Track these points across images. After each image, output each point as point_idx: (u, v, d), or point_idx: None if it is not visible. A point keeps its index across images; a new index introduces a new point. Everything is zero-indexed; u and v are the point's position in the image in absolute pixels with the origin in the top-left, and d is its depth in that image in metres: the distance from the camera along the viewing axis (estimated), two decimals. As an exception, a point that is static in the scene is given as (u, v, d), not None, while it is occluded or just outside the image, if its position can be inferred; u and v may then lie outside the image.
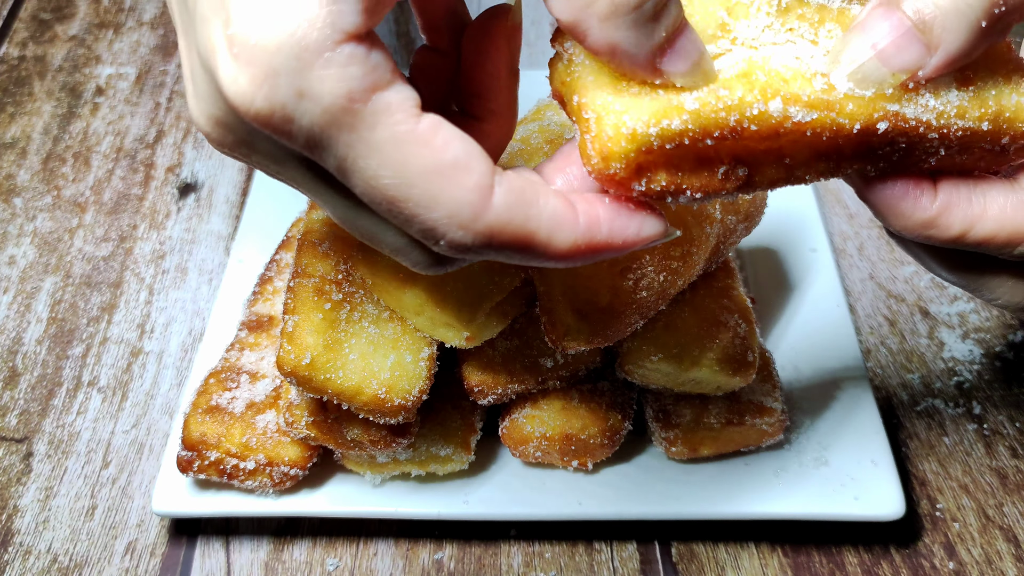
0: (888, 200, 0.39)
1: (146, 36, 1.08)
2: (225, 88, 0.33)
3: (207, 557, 0.64)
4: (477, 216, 0.34)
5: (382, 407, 0.53)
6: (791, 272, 0.77)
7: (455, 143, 0.34)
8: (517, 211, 0.34)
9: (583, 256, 0.36)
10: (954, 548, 0.65)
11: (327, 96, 0.32)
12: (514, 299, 0.57)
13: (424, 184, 0.33)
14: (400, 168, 0.33)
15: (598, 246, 0.36)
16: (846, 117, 0.35)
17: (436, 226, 0.34)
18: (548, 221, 0.35)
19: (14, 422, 0.72)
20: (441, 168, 0.33)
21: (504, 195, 0.34)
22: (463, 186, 0.33)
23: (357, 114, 0.32)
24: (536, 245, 0.35)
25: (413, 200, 0.33)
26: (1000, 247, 0.39)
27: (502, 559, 0.64)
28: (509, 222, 0.34)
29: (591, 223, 0.35)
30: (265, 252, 0.75)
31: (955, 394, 0.74)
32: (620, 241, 0.36)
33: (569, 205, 0.35)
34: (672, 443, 0.62)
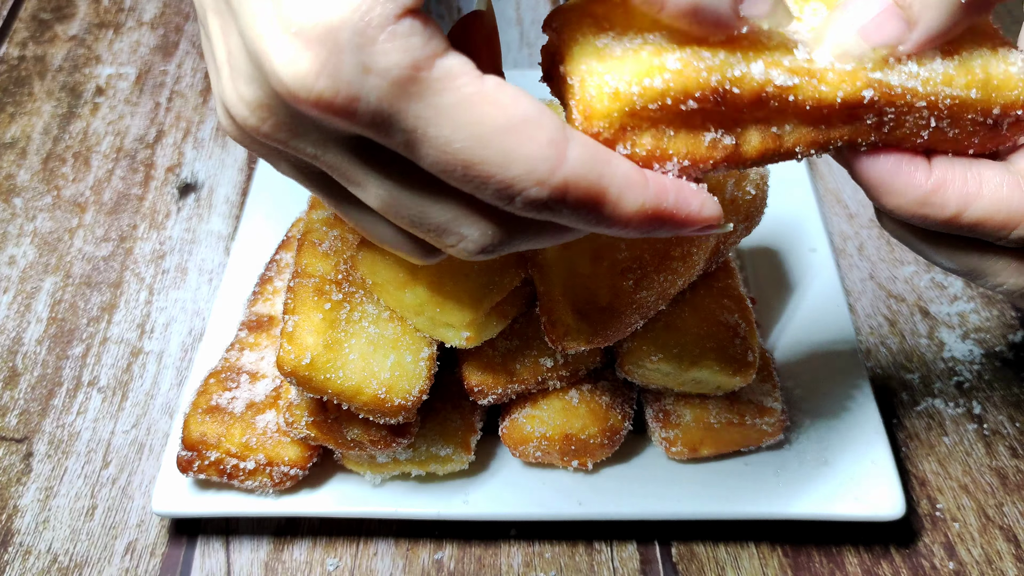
0: (882, 174, 0.38)
1: (146, 36, 1.08)
2: (280, 71, 0.33)
3: (207, 557, 0.64)
4: (554, 170, 0.33)
5: (382, 407, 0.53)
6: (791, 272, 0.77)
7: (523, 100, 0.34)
8: (592, 166, 0.34)
9: (647, 222, 0.35)
10: (954, 548, 0.65)
11: (394, 68, 0.32)
12: (514, 299, 0.57)
13: (498, 142, 0.33)
14: (473, 129, 0.33)
15: (663, 213, 0.35)
16: (828, 85, 0.35)
17: (513, 183, 0.34)
18: (620, 180, 0.34)
19: (14, 422, 0.72)
20: (514, 124, 0.33)
21: (579, 149, 0.34)
22: (538, 141, 0.33)
23: (424, 82, 0.33)
24: (607, 203, 0.35)
25: (488, 160, 0.33)
26: (995, 230, 0.38)
27: (502, 559, 0.64)
28: (584, 176, 0.34)
29: (659, 190, 0.35)
30: (265, 252, 0.75)
31: (955, 394, 0.74)
32: (684, 214, 0.36)
33: (639, 170, 0.35)
34: (672, 443, 0.62)
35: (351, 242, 0.58)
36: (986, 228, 0.38)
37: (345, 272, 0.56)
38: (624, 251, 0.51)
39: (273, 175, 0.84)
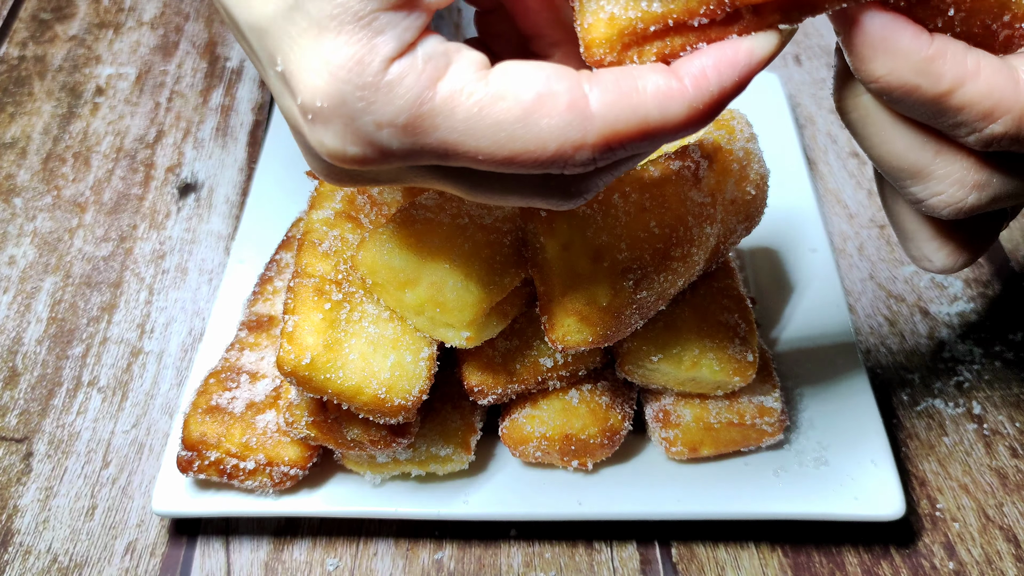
0: (886, 30, 0.36)
1: (146, 36, 1.08)
2: (319, 151, 0.36)
3: (207, 557, 0.64)
4: (586, 130, 0.34)
5: (382, 407, 0.53)
6: (791, 272, 0.77)
7: (529, 78, 0.34)
8: (621, 105, 0.34)
9: (709, 115, 0.35)
10: (954, 548, 0.65)
11: (400, 112, 0.34)
12: (514, 299, 0.57)
13: (523, 131, 0.34)
14: (496, 132, 0.34)
15: (715, 100, 0.35)
16: None
17: (558, 157, 0.35)
18: (655, 99, 0.34)
19: (14, 422, 0.72)
20: (529, 108, 0.34)
21: (601, 96, 0.34)
22: (557, 111, 0.34)
23: (432, 113, 0.34)
24: (655, 128, 0.35)
25: (524, 150, 0.34)
26: (978, 118, 0.37)
27: (502, 559, 0.64)
28: (617, 118, 0.34)
29: (698, 81, 0.35)
30: (265, 252, 0.75)
31: (955, 394, 0.74)
32: (735, 80, 0.35)
33: (671, 74, 0.35)
34: (672, 443, 0.62)
35: (351, 242, 0.58)
36: (970, 114, 0.37)
37: (345, 272, 0.56)
38: (624, 251, 0.51)
39: (273, 175, 0.84)
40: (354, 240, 0.58)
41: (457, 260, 0.53)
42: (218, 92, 1.01)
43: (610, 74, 0.35)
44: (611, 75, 0.35)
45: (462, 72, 0.35)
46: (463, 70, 0.35)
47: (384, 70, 0.34)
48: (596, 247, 0.51)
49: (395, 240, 0.53)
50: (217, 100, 1.00)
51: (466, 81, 0.34)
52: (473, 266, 0.53)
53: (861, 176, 0.91)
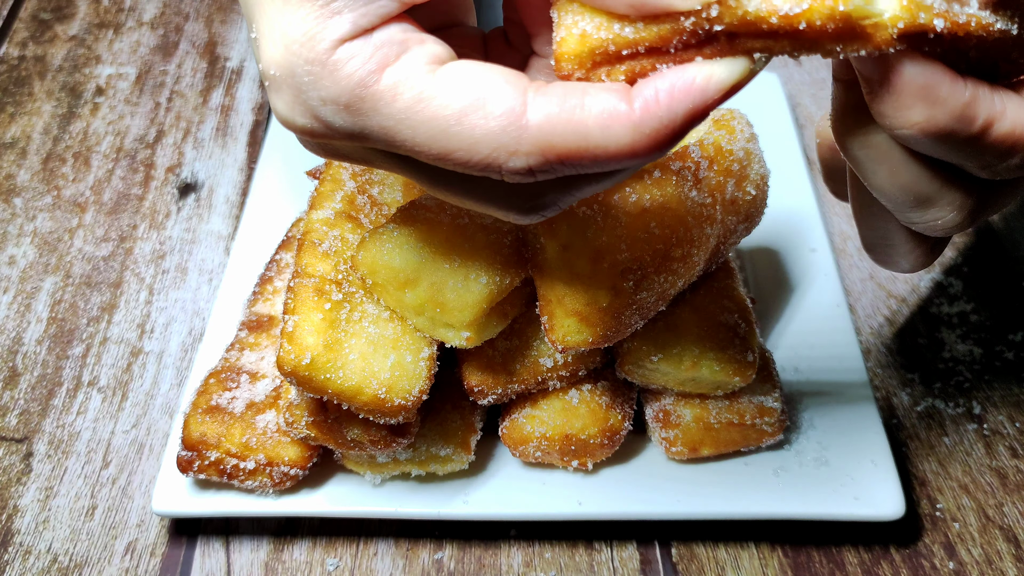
0: (925, 79, 0.35)
1: (146, 36, 1.08)
2: (277, 118, 0.38)
3: (207, 557, 0.64)
4: (519, 138, 0.34)
5: (382, 407, 0.53)
6: (791, 272, 0.77)
7: (472, 80, 0.34)
8: (561, 119, 0.34)
9: (659, 143, 0.34)
10: (954, 548, 0.65)
11: (342, 93, 0.35)
12: (514, 299, 0.57)
13: (457, 129, 0.34)
14: (431, 126, 0.35)
15: (665, 128, 0.33)
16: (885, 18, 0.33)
17: (490, 161, 0.35)
18: (598, 119, 0.33)
19: (14, 422, 0.72)
20: (466, 109, 0.34)
21: (542, 107, 0.34)
22: (493, 116, 0.34)
23: (374, 95, 0.35)
24: (596, 150, 0.34)
25: (458, 147, 0.35)
26: (1001, 154, 0.37)
27: (502, 559, 0.64)
28: (554, 132, 0.34)
29: (648, 106, 0.33)
30: (265, 252, 0.75)
31: (955, 394, 0.74)
32: (688, 108, 0.33)
33: (622, 96, 0.33)
34: (672, 443, 0.62)
35: (351, 242, 0.58)
36: (996, 151, 0.37)
37: (345, 272, 0.56)
38: (625, 252, 0.51)
39: (273, 175, 0.84)
40: (354, 240, 0.58)
41: (457, 260, 0.53)
42: (218, 92, 1.01)
43: (559, 88, 0.34)
44: (560, 89, 0.34)
45: (412, 63, 0.35)
46: (413, 61, 0.35)
47: (333, 49, 0.35)
48: (596, 248, 0.51)
49: (395, 240, 0.53)
50: (217, 100, 1.00)
51: (412, 72, 0.35)
52: (473, 266, 0.53)
53: (861, 176, 0.91)
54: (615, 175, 0.38)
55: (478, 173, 0.36)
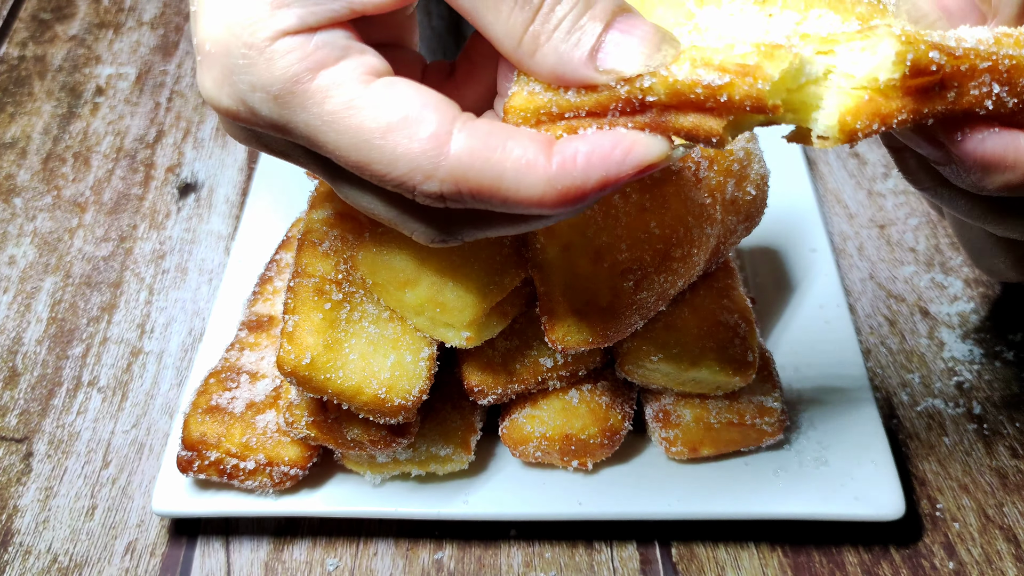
0: (997, 150, 0.37)
1: (146, 36, 1.08)
2: (200, 86, 0.38)
3: (207, 557, 0.64)
4: (437, 164, 0.35)
5: (382, 407, 0.53)
6: (791, 272, 0.77)
7: (405, 99, 0.35)
8: (479, 155, 0.35)
9: (569, 201, 0.35)
10: (954, 548, 0.65)
11: (274, 83, 0.36)
12: (514, 299, 0.57)
13: (380, 142, 0.35)
14: (355, 135, 0.35)
15: (577, 188, 0.35)
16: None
17: (404, 180, 0.36)
18: (514, 163, 0.35)
19: (14, 422, 0.72)
20: (392, 125, 0.35)
21: (466, 140, 0.35)
22: (417, 137, 0.35)
23: (305, 94, 0.36)
24: (507, 193, 0.35)
25: (376, 160, 0.36)
26: None
27: (502, 559, 0.64)
28: (471, 166, 0.35)
29: (564, 164, 0.34)
30: (265, 252, 0.75)
31: (955, 394, 0.74)
32: (601, 175, 0.35)
33: (543, 148, 0.35)
34: (672, 443, 0.62)
35: (351, 242, 0.58)
36: None
37: (345, 272, 0.56)
38: (625, 252, 0.51)
39: (273, 175, 0.84)
40: (354, 240, 0.58)
41: (457, 260, 0.53)
42: (218, 92, 1.01)
43: (486, 125, 0.35)
44: (486, 127, 0.35)
45: (348, 70, 0.36)
46: (350, 68, 0.36)
47: (274, 39, 0.35)
48: (596, 248, 0.51)
49: (395, 240, 0.53)
50: (217, 100, 1.00)
51: (347, 79, 0.36)
52: (473, 266, 0.53)
53: (861, 176, 0.91)
54: (528, 221, 0.39)
55: (392, 188, 0.37)
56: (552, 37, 0.34)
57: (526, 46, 0.35)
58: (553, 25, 0.34)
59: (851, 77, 0.35)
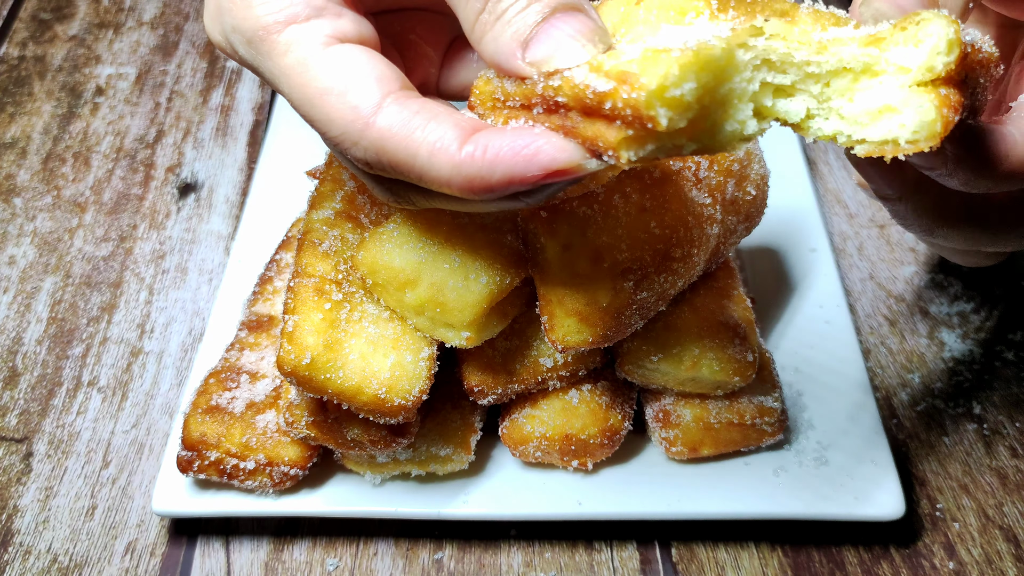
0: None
1: (146, 36, 1.08)
2: (203, 21, 0.44)
3: (207, 557, 0.64)
4: (362, 132, 0.38)
5: (382, 407, 0.53)
6: (791, 272, 0.77)
7: (347, 67, 0.39)
8: (399, 131, 0.38)
9: (475, 188, 0.37)
10: (954, 548, 0.65)
11: (248, 29, 0.40)
12: (514, 299, 0.57)
13: (319, 103, 0.39)
14: (301, 90, 0.39)
15: (482, 178, 0.37)
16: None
17: (338, 141, 0.39)
18: (428, 147, 0.37)
19: (14, 422, 0.72)
20: (330, 89, 0.39)
21: (393, 115, 0.38)
22: (349, 104, 0.38)
23: (271, 43, 0.40)
24: (420, 169, 0.38)
25: (316, 119, 0.40)
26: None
27: (502, 559, 0.64)
28: (390, 139, 0.38)
29: (474, 153, 0.37)
30: (265, 252, 0.75)
31: (955, 394, 0.74)
32: (507, 172, 0.36)
33: (461, 135, 0.37)
34: (672, 443, 0.62)
35: (351, 242, 0.58)
36: None
37: (345, 272, 0.56)
38: (625, 252, 0.51)
39: (273, 175, 0.84)
40: (354, 240, 0.58)
41: (457, 260, 0.53)
42: (218, 92, 1.01)
43: (417, 104, 0.38)
44: (416, 105, 0.38)
45: (313, 30, 0.40)
46: (315, 29, 0.40)
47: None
48: (596, 248, 0.51)
49: (395, 240, 0.53)
50: (217, 100, 1.00)
51: (309, 39, 0.40)
52: (473, 266, 0.53)
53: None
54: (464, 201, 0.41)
55: (331, 146, 0.41)
56: (494, 25, 0.37)
57: (476, 30, 0.38)
58: (498, 13, 0.37)
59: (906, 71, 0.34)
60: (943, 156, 0.39)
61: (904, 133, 0.34)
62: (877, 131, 0.35)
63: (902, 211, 0.45)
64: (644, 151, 0.34)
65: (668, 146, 0.34)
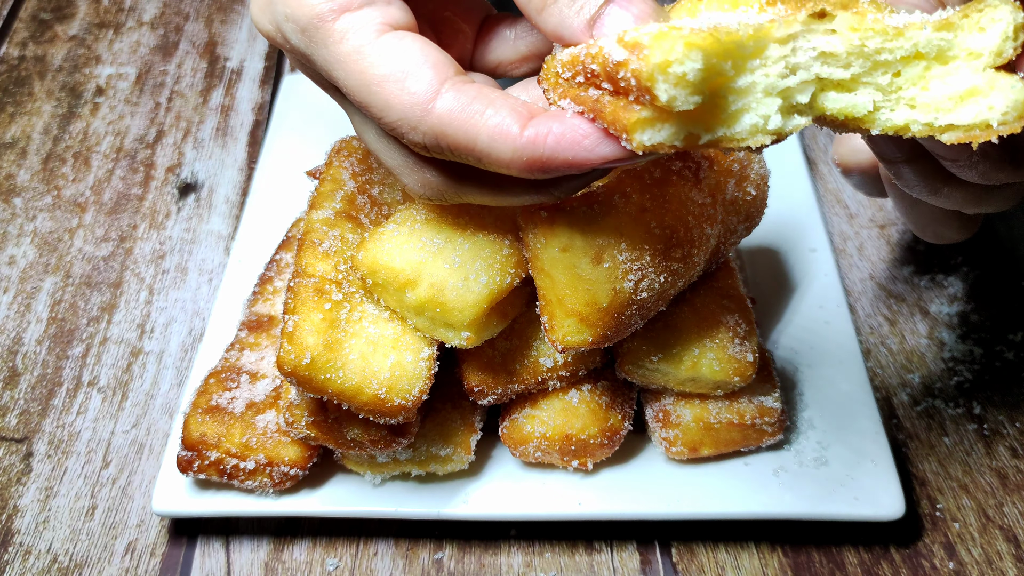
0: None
1: (146, 36, 1.08)
2: (251, 16, 0.45)
3: (207, 557, 0.64)
4: (422, 118, 0.39)
5: (382, 407, 0.53)
6: (791, 272, 0.77)
7: (407, 54, 0.40)
8: (460, 116, 0.39)
9: (532, 169, 0.39)
10: (954, 548, 0.65)
11: (302, 17, 0.41)
12: (514, 299, 0.57)
13: (378, 90, 0.40)
14: (360, 77, 0.40)
15: (540, 161, 0.38)
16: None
17: (395, 126, 0.41)
18: (488, 131, 0.39)
19: (14, 422, 0.72)
20: (389, 76, 0.40)
21: (451, 100, 0.39)
22: (408, 91, 0.39)
23: (326, 31, 0.41)
24: (479, 151, 0.39)
25: (374, 105, 0.41)
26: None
27: (502, 559, 0.64)
28: (450, 124, 0.39)
29: (535, 138, 0.38)
30: (265, 252, 0.75)
31: (955, 394, 0.74)
32: (565, 157, 0.38)
33: (521, 118, 0.39)
34: (672, 443, 0.62)
35: (351, 242, 0.58)
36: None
37: (345, 272, 0.56)
38: (624, 252, 0.51)
39: (273, 175, 0.84)
40: (354, 240, 0.58)
41: (457, 261, 0.53)
42: (218, 92, 1.01)
43: (474, 89, 0.39)
44: (473, 91, 0.39)
45: (366, 18, 0.41)
46: (369, 17, 0.41)
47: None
48: (596, 248, 0.51)
49: (395, 240, 0.53)
50: (217, 100, 1.00)
51: (363, 27, 0.41)
52: (473, 266, 0.53)
53: (861, 176, 0.91)
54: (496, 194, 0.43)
55: (388, 131, 0.42)
56: (556, 3, 0.38)
57: (535, 4, 0.39)
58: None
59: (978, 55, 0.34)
60: (969, 148, 0.39)
61: (994, 115, 0.34)
62: (965, 115, 0.35)
63: (906, 173, 0.45)
64: (658, 135, 0.34)
65: (682, 133, 0.34)
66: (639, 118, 0.34)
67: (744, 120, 0.35)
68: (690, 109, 0.33)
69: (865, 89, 0.37)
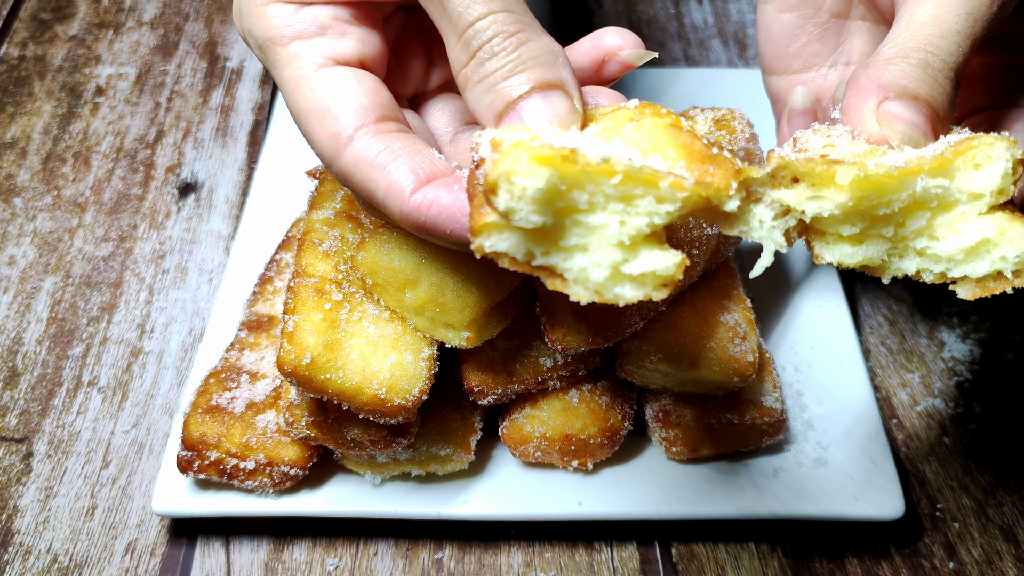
0: None
1: (146, 36, 1.08)
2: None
3: (207, 557, 0.64)
4: (334, 158, 0.42)
5: (382, 407, 0.53)
6: (791, 272, 0.77)
7: (335, 91, 0.42)
8: (365, 166, 0.42)
9: (415, 229, 0.41)
10: (954, 548, 0.65)
11: (260, 36, 0.44)
12: (514, 299, 0.57)
13: (305, 121, 0.43)
14: (293, 104, 0.43)
15: (422, 225, 0.41)
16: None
17: (323, 157, 0.43)
18: (386, 185, 0.41)
19: (14, 422, 0.72)
20: (313, 111, 0.42)
21: (360, 149, 0.42)
22: (326, 130, 0.42)
23: (276, 54, 0.44)
24: (377, 202, 0.42)
25: (303, 132, 0.44)
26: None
27: (502, 559, 0.64)
28: (356, 171, 0.42)
29: (420, 206, 0.41)
30: (265, 252, 0.75)
31: (955, 394, 0.74)
32: (444, 229, 0.41)
33: (417, 181, 0.41)
34: (672, 443, 0.62)
35: (351, 242, 0.58)
36: None
37: (345, 272, 0.56)
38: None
39: (273, 175, 0.84)
40: (354, 240, 0.58)
41: (457, 260, 0.53)
42: (218, 92, 1.01)
43: (383, 141, 0.41)
44: (381, 143, 0.41)
45: (314, 49, 0.43)
46: (316, 49, 0.43)
47: (268, 2, 0.43)
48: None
49: (395, 240, 0.53)
50: (217, 100, 1.00)
51: (307, 57, 0.43)
52: (473, 266, 0.53)
53: (861, 176, 0.91)
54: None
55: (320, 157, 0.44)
56: (477, 86, 0.40)
57: (460, 80, 0.41)
58: (481, 75, 0.40)
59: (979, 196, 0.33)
60: None
61: (1007, 266, 0.33)
62: (978, 268, 0.34)
63: None
64: (501, 243, 0.33)
65: (523, 248, 0.32)
66: (485, 222, 0.33)
67: (575, 260, 0.33)
68: (529, 228, 0.32)
69: (872, 243, 0.36)
